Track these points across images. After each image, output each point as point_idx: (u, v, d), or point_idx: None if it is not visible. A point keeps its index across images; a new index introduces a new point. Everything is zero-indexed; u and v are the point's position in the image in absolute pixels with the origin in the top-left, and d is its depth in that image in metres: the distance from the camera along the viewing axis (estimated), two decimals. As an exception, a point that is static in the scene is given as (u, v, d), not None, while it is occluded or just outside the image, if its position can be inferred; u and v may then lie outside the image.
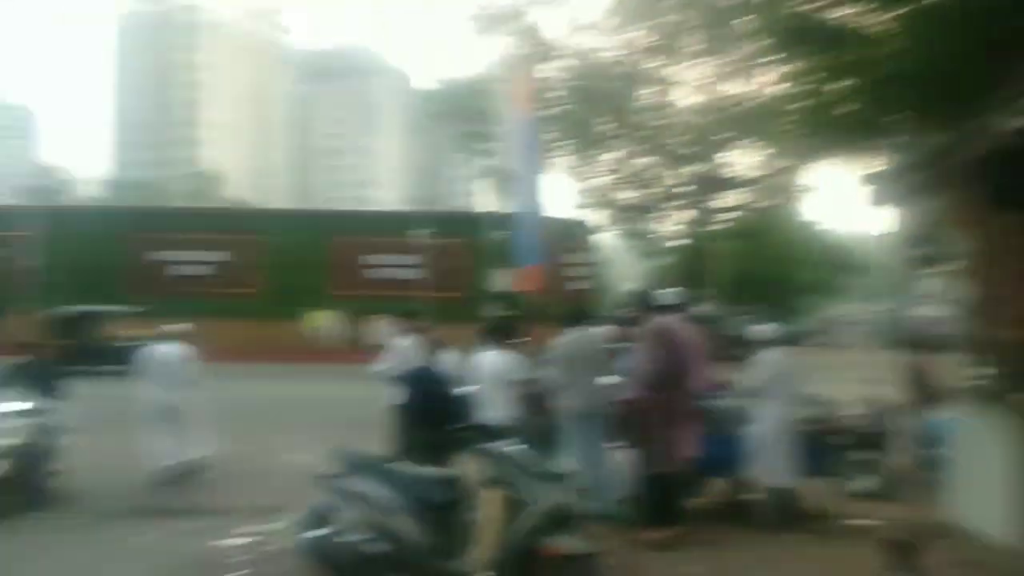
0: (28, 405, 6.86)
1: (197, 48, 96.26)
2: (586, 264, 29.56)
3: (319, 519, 4.50)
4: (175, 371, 8.00)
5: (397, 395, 7.00)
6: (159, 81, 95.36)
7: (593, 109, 24.14)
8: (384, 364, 7.18)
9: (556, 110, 23.23)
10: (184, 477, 7.86)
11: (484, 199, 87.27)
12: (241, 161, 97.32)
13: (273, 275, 28.38)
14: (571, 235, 27.43)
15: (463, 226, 30.40)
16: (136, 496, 7.24)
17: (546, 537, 4.12)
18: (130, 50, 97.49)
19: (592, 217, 29.69)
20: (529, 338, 7.07)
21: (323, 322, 27.43)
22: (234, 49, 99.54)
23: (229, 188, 75.95)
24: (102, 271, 27.59)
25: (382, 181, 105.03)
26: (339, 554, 4.25)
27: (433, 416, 6.02)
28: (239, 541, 5.81)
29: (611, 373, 6.29)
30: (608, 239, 34.58)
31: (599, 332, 6.83)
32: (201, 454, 8.04)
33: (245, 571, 5.17)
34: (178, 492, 7.45)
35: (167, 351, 8.15)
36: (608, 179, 26.76)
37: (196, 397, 8.27)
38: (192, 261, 29.45)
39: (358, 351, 25.90)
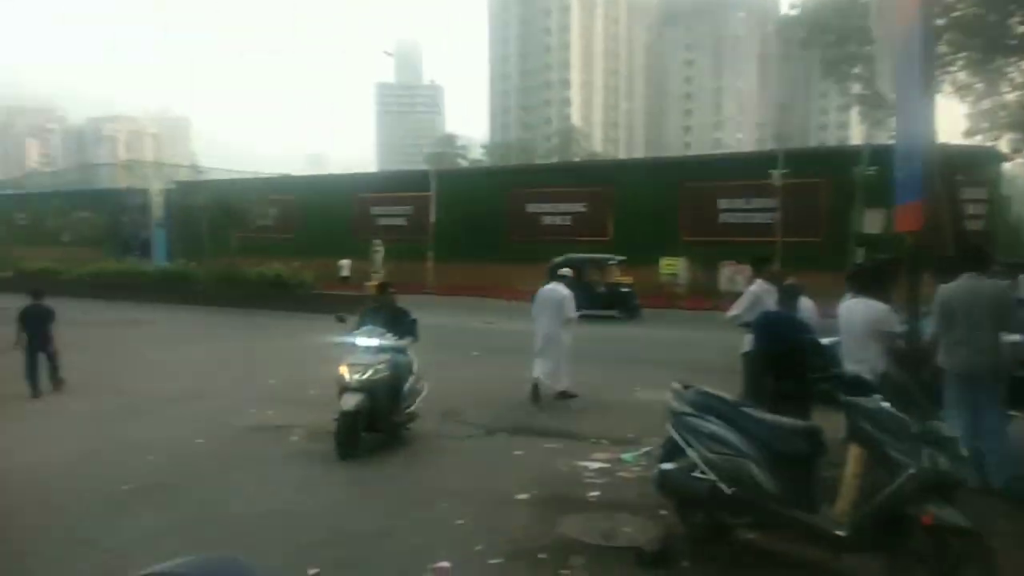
0: (385, 343, 7.08)
1: (564, 9, 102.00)
2: (985, 200, 24.69)
3: (672, 454, 4.69)
4: (559, 308, 9.31)
5: (751, 342, 6.86)
6: (529, 46, 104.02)
7: (1004, 6, 19.56)
8: (738, 310, 7.05)
9: (947, 17, 19.44)
10: (557, 402, 9.09)
11: (851, 133, 78.21)
12: (599, 115, 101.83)
13: (626, 222, 29.46)
14: (968, 165, 23.09)
15: (825, 164, 27.69)
16: (516, 417, 8.34)
17: (921, 504, 3.73)
18: (502, 21, 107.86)
19: (991, 144, 24.61)
20: (906, 286, 6.26)
21: (675, 268, 27.70)
22: (589, 4, 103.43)
23: (590, 142, 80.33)
24: (489, 222, 31.81)
25: (738, 122, 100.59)
26: (691, 490, 4.39)
27: (789, 365, 5.77)
28: (597, 464, 6.36)
29: (1012, 329, 5.28)
30: (1015, 169, 28.36)
31: (999, 281, 5.75)
32: (570, 384, 9.29)
33: (602, 492, 5.65)
34: (549, 415, 8.39)
35: (554, 289, 9.55)
36: (1019, 95, 21.76)
37: (572, 333, 9.54)
38: (556, 212, 32.04)
39: (710, 297, 25.75)
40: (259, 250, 30.12)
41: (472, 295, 28.98)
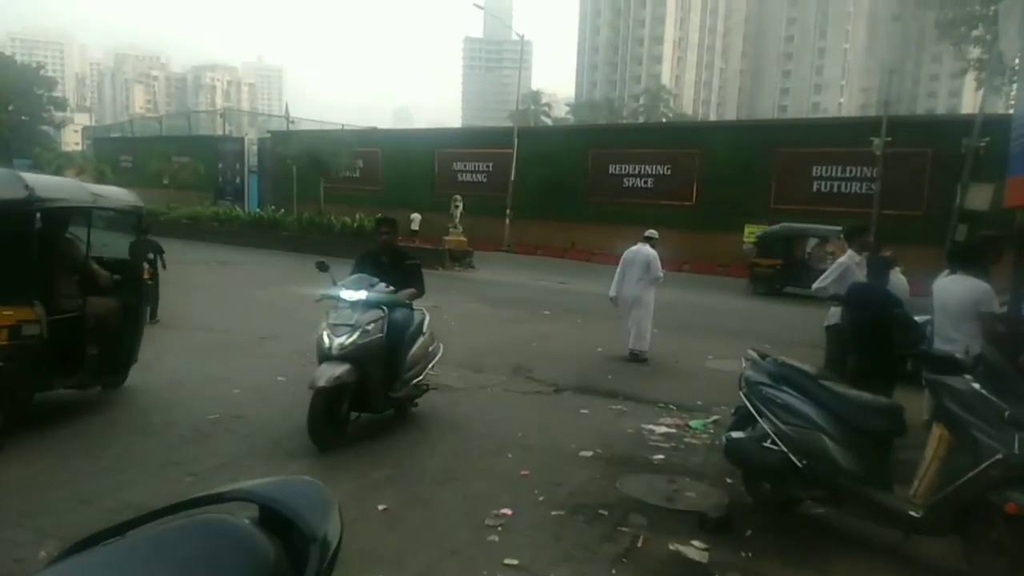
0: (378, 295, 5.53)
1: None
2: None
3: (744, 423, 4.60)
4: (644, 268, 9.42)
5: (836, 315, 6.60)
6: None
7: None
8: (825, 281, 6.76)
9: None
10: (629, 364, 9.19)
11: (963, 101, 72.71)
12: (691, 74, 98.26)
13: (711, 187, 28.57)
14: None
15: (932, 133, 25.92)
16: (583, 376, 8.35)
17: (1005, 492, 3.53)
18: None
19: None
20: (1010, 265, 5.84)
21: (761, 237, 26.74)
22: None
23: (679, 103, 77.83)
24: (569, 181, 31.50)
25: (840, 86, 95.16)
26: (761, 460, 4.29)
27: (876, 339, 5.52)
28: (664, 429, 6.31)
29: None
30: None
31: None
32: (647, 345, 9.45)
33: (667, 456, 5.61)
34: (618, 378, 8.36)
35: (639, 250, 9.59)
36: None
37: (654, 295, 9.62)
38: (638, 174, 31.34)
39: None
40: (345, 200, 30.95)
41: (549, 255, 29.01)
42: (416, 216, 29.77)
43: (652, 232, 9.89)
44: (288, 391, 6.76)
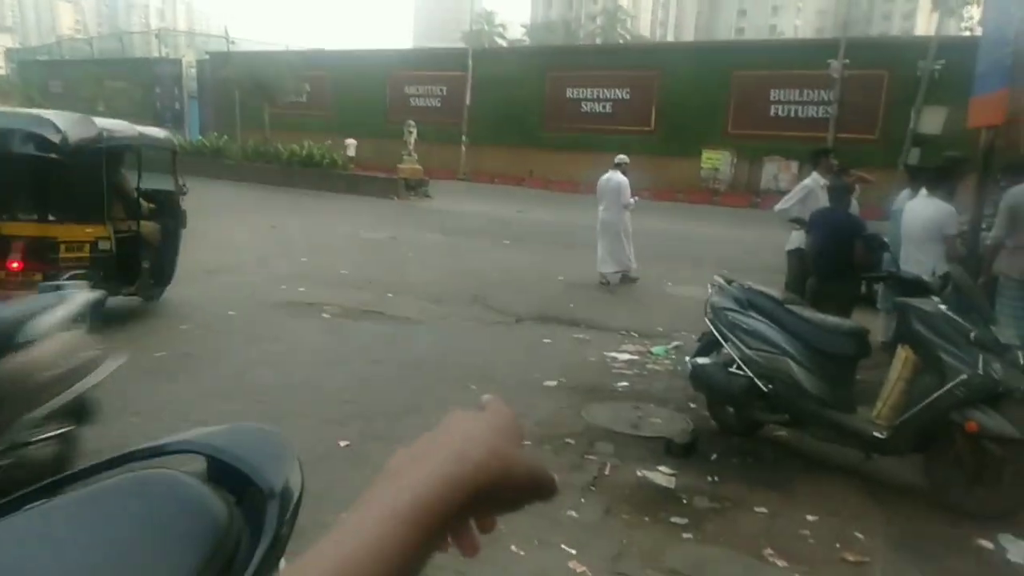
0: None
1: None
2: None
3: (708, 348, 4.56)
4: (616, 194, 9.59)
5: (798, 239, 6.57)
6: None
7: None
8: (788, 203, 6.69)
9: None
10: (609, 286, 9.49)
11: (917, 23, 72.81)
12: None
13: (670, 112, 28.25)
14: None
15: (888, 55, 25.82)
16: (544, 306, 8.26)
17: (965, 411, 3.58)
18: None
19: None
20: (973, 187, 5.85)
21: (718, 162, 26.76)
22: None
23: (636, 24, 76.15)
24: (523, 107, 30.72)
25: (798, 7, 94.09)
26: (725, 386, 4.27)
27: (839, 263, 5.51)
28: (626, 356, 6.29)
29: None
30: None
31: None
32: (625, 269, 9.71)
33: (631, 383, 5.59)
34: (578, 306, 8.29)
35: (610, 178, 9.73)
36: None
37: (628, 220, 9.71)
38: (596, 99, 30.72)
39: (753, 194, 25.01)
40: (293, 127, 29.71)
41: (506, 183, 28.57)
42: (351, 142, 28.25)
43: (622, 158, 9.91)
44: (239, 326, 6.45)
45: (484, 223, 16.00)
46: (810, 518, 3.61)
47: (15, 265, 5.52)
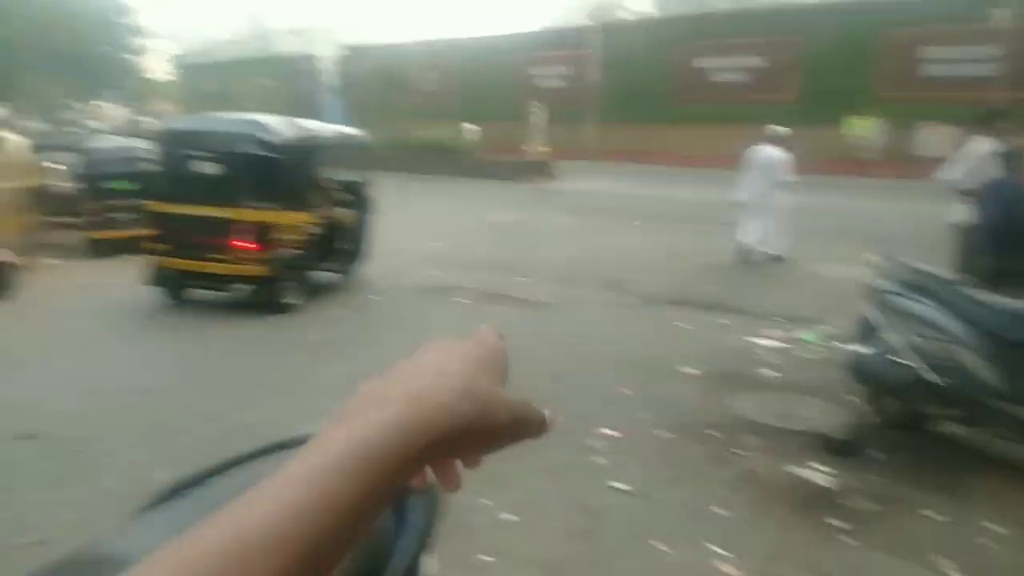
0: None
1: None
2: None
3: (866, 335, 4.21)
4: (770, 170, 9.21)
5: (966, 212, 5.94)
6: None
7: None
8: (952, 174, 6.05)
9: None
10: (757, 265, 9.17)
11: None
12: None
13: (811, 77, 26.40)
14: None
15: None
16: (680, 288, 8.00)
17: None
18: None
19: None
20: None
21: (866, 129, 24.71)
22: None
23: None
24: (653, 81, 29.83)
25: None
26: (887, 376, 3.93)
27: (1017, 239, 4.92)
28: (772, 343, 5.96)
29: None
30: None
31: None
32: (767, 248, 9.28)
33: (777, 372, 5.29)
34: (719, 288, 7.97)
35: (764, 150, 9.34)
36: None
37: (784, 196, 9.36)
38: (729, 68, 29.25)
39: (906, 163, 22.96)
40: (428, 115, 30.55)
41: (636, 161, 27.95)
42: (472, 127, 28.51)
43: (777, 128, 9.50)
44: (383, 312, 6.70)
45: (614, 203, 15.76)
46: (989, 526, 3.26)
47: (239, 243, 6.57)
